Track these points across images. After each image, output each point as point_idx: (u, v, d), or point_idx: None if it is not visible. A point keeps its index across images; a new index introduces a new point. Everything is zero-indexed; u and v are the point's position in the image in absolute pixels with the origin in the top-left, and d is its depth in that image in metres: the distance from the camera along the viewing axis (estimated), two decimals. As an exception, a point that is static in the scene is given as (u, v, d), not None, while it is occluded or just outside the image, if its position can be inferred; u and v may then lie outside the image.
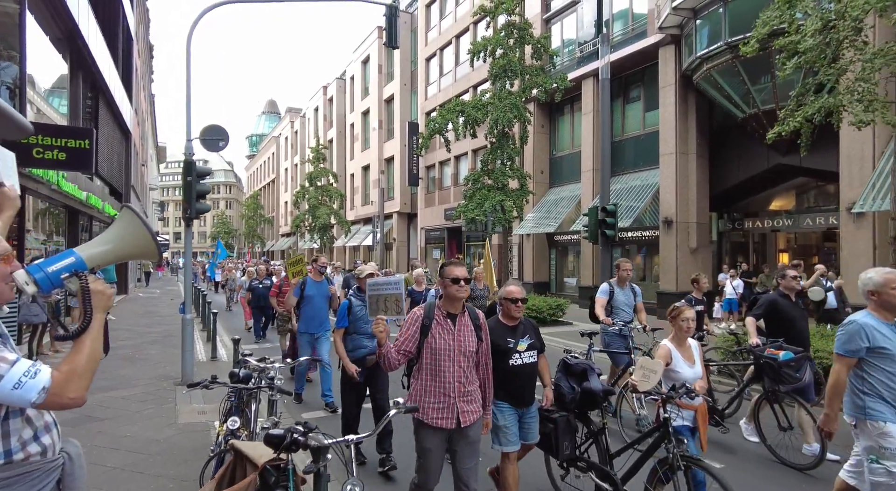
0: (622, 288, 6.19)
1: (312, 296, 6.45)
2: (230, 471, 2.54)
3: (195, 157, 7.31)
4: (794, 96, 7.32)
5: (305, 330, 6.43)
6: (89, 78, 14.29)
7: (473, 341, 3.04)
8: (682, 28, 14.70)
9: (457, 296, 2.98)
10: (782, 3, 6.49)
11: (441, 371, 2.94)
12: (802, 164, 13.39)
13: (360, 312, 4.64)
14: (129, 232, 1.72)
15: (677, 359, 3.63)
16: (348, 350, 4.61)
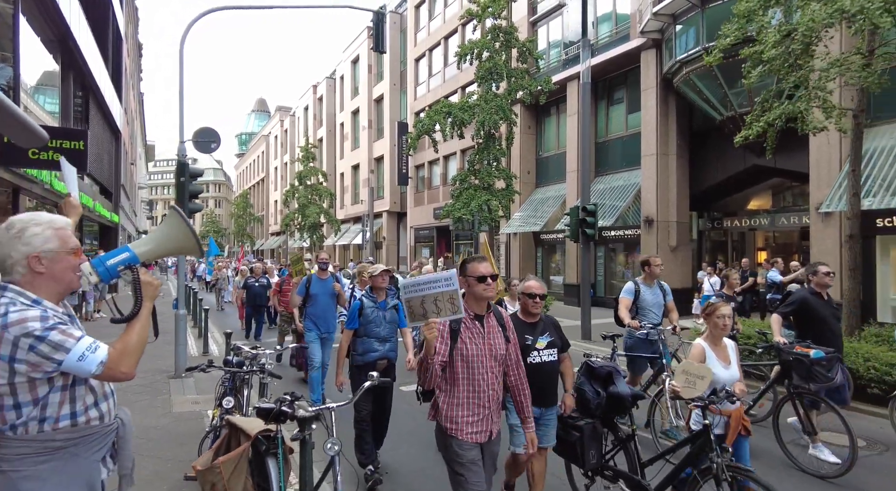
0: (650, 286, 5.52)
1: (318, 294, 6.24)
2: (226, 442, 2.86)
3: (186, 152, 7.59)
4: (759, 102, 7.74)
5: (313, 328, 6.21)
6: (80, 78, 14.43)
7: (503, 344, 2.76)
8: (663, 32, 15.14)
9: (484, 295, 2.69)
10: (741, 18, 6.90)
11: (475, 380, 2.63)
12: (777, 166, 13.90)
13: (371, 314, 4.42)
14: (175, 231, 2.00)
15: (712, 359, 3.38)
16: (357, 353, 4.40)
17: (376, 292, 4.52)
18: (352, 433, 4.28)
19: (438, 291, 2.44)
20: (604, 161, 18.68)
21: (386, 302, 4.55)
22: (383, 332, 4.43)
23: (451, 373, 2.66)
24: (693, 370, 3.17)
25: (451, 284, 2.43)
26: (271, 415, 2.56)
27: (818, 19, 5.83)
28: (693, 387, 3.12)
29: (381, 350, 4.41)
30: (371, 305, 4.47)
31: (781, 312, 5.08)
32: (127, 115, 24.73)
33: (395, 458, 4.80)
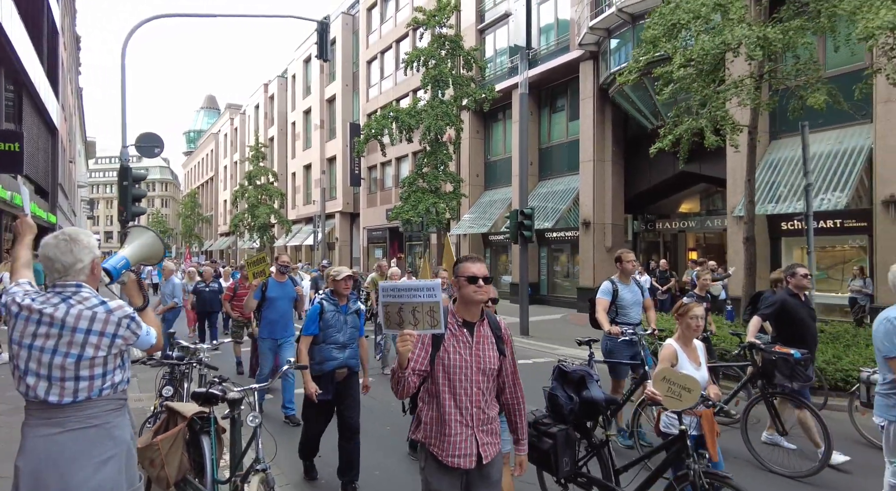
0: (626, 284, 5.25)
1: (276, 298, 5.95)
2: (164, 424, 3.21)
3: (130, 154, 7.68)
4: (671, 117, 8.58)
5: (268, 335, 5.90)
6: (11, 74, 13.94)
7: (495, 357, 2.44)
8: (599, 45, 16.09)
9: (475, 298, 2.40)
10: (648, 44, 7.69)
11: (457, 394, 2.35)
12: (702, 172, 15.07)
13: (332, 319, 4.12)
14: (148, 241, 2.64)
15: (683, 361, 3.34)
16: (315, 362, 4.07)
17: (337, 296, 4.22)
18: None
19: (419, 301, 2.17)
20: (547, 166, 19.58)
21: (348, 306, 4.27)
22: (343, 338, 4.13)
23: (433, 384, 2.39)
24: (678, 380, 2.97)
25: (433, 296, 2.18)
26: (204, 397, 2.94)
27: (707, 48, 6.63)
28: (678, 399, 2.94)
29: (340, 358, 4.09)
30: (332, 309, 4.16)
31: (761, 314, 5.08)
32: (64, 112, 23.76)
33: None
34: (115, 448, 2.11)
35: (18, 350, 2.04)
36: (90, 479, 2.01)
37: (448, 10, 16.18)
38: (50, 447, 1.99)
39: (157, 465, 2.97)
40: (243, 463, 2.95)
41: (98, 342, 2.06)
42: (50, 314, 2.03)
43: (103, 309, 2.09)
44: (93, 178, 77.88)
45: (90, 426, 2.06)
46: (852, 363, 6.62)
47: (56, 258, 2.10)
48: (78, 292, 2.11)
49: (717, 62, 7.66)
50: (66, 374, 2.02)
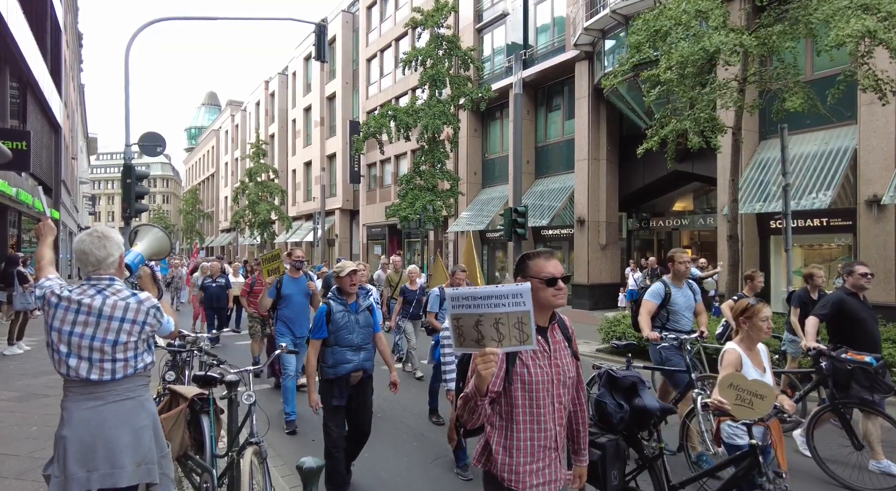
0: (679, 287, 4.75)
1: (291, 294, 5.80)
2: (167, 405, 3.50)
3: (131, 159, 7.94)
4: (657, 118, 8.84)
5: (286, 334, 5.77)
6: (16, 72, 14.22)
7: (572, 364, 2.12)
8: (594, 46, 16.31)
9: (555, 303, 2.06)
10: (632, 48, 7.94)
11: (538, 414, 2.00)
12: (694, 171, 15.32)
13: (341, 320, 3.86)
14: (157, 237, 2.95)
15: (747, 366, 3.06)
16: (328, 365, 3.83)
17: (345, 294, 3.95)
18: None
19: (503, 311, 1.77)
20: (544, 164, 19.83)
21: (357, 304, 3.98)
22: (357, 339, 3.87)
23: (506, 405, 2.01)
24: (748, 386, 2.69)
25: (520, 303, 1.77)
26: (203, 380, 3.23)
27: (686, 55, 6.89)
28: (749, 407, 2.67)
29: (355, 360, 3.84)
30: (340, 309, 3.89)
31: (818, 314, 4.69)
32: (67, 109, 24.04)
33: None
34: (147, 418, 2.43)
35: (59, 336, 2.28)
36: (131, 443, 2.32)
37: (445, 10, 16.41)
38: (94, 418, 2.29)
39: (161, 441, 3.26)
40: (239, 439, 3.24)
41: (131, 329, 2.36)
42: (88, 304, 2.31)
43: (135, 300, 2.39)
44: (94, 174, 78.20)
45: (127, 399, 2.38)
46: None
47: (90, 252, 2.36)
48: (111, 285, 2.40)
49: (703, 65, 7.90)
50: (105, 356, 2.31)
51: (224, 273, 10.64)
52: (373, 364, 4.01)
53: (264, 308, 5.87)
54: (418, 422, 5.77)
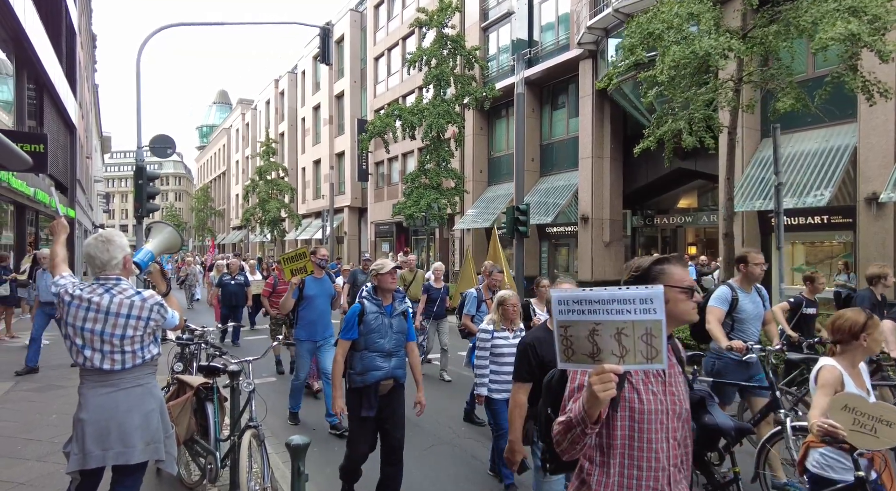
0: (748, 293, 4.16)
1: (313, 296, 5.47)
2: (175, 393, 3.78)
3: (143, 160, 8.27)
4: (654, 119, 8.99)
5: (307, 337, 5.45)
6: (33, 75, 14.65)
7: (685, 392, 1.77)
8: (598, 44, 16.42)
9: (691, 318, 1.76)
10: (626, 51, 8.09)
11: (650, 450, 1.65)
12: (697, 169, 15.41)
13: (374, 322, 3.51)
14: (168, 234, 3.18)
15: (850, 387, 2.62)
16: (356, 372, 3.49)
17: (381, 295, 3.59)
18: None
19: (628, 319, 1.43)
20: (549, 162, 19.98)
21: (393, 306, 3.63)
22: (388, 344, 3.53)
23: (608, 437, 1.67)
24: (868, 410, 2.28)
25: (652, 311, 1.42)
26: (208, 370, 3.50)
27: (676, 58, 7.03)
28: (872, 434, 2.24)
29: (385, 368, 3.51)
30: (374, 310, 3.54)
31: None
32: (82, 109, 24.58)
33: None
34: (154, 403, 2.71)
35: (74, 330, 2.55)
36: (141, 425, 2.61)
37: (449, 10, 16.60)
38: (108, 403, 2.57)
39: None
40: (240, 423, 3.51)
41: (136, 324, 2.61)
42: (97, 303, 2.56)
43: (139, 298, 2.64)
44: (108, 173, 79.41)
45: (137, 386, 2.65)
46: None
47: (96, 256, 2.63)
48: (118, 285, 2.65)
49: (699, 66, 8.04)
50: (115, 348, 2.58)
51: (242, 270, 10.33)
52: (404, 372, 3.64)
53: (286, 310, 5.51)
54: (449, 427, 5.48)
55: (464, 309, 6.02)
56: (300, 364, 5.49)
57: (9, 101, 12.84)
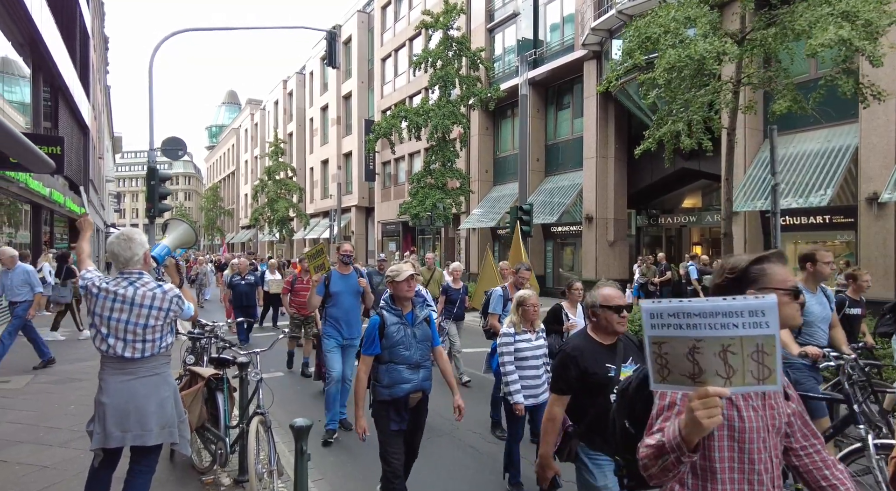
0: (814, 293, 3.85)
1: (340, 292, 5.24)
2: (187, 384, 4.01)
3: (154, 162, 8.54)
4: (654, 120, 9.13)
5: (334, 335, 5.22)
6: (49, 78, 15.02)
7: (784, 405, 1.58)
8: (602, 45, 16.53)
9: (797, 322, 1.63)
10: (624, 54, 8.24)
11: (752, 471, 1.47)
12: (701, 169, 15.49)
13: (396, 334, 3.28)
14: (183, 231, 3.53)
15: None
16: (382, 385, 3.27)
17: (400, 303, 3.36)
18: None
19: (735, 335, 1.24)
20: (553, 162, 20.11)
21: (414, 314, 3.40)
22: (415, 356, 3.33)
23: (706, 459, 1.50)
24: None
25: (764, 324, 1.22)
26: (218, 361, 3.73)
27: (672, 62, 7.17)
28: None
29: (413, 380, 3.30)
30: (395, 321, 3.32)
31: None
32: (94, 111, 25.05)
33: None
34: (169, 390, 2.95)
35: (100, 320, 2.79)
36: (157, 411, 2.85)
37: (454, 12, 16.79)
38: (127, 389, 2.81)
39: (182, 413, 3.77)
40: (248, 411, 3.73)
41: (158, 314, 2.86)
42: (122, 294, 2.81)
43: (160, 290, 2.89)
44: (119, 173, 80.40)
45: (154, 375, 2.89)
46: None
47: (119, 253, 2.88)
48: (141, 278, 2.90)
49: (698, 68, 8.17)
50: (137, 337, 2.82)
51: (253, 271, 9.95)
52: (431, 383, 3.45)
53: (313, 307, 5.45)
54: (469, 433, 5.28)
55: (489, 308, 5.66)
56: (330, 364, 5.13)
57: (25, 104, 13.18)
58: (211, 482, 3.86)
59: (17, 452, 4.40)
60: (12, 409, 5.64)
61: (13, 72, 12.92)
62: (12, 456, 4.33)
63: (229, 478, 3.92)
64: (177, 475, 4.01)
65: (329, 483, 4.12)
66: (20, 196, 12.00)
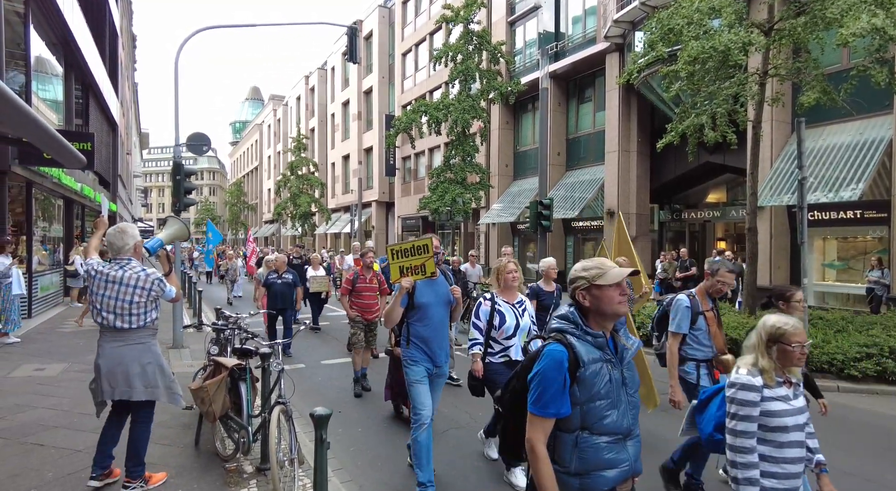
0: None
1: (427, 304, 3.77)
2: (211, 373, 4.13)
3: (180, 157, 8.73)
4: (677, 113, 8.97)
5: (420, 360, 3.74)
6: (80, 77, 15.47)
7: None
8: (625, 38, 16.28)
9: None
10: (647, 47, 8.09)
11: None
12: (726, 163, 15.18)
13: (599, 380, 1.91)
14: (177, 227, 4.13)
15: None
16: (571, 472, 1.90)
17: (599, 323, 1.98)
18: None
19: None
20: (575, 156, 19.92)
21: (619, 344, 2.04)
22: (626, 420, 2.00)
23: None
24: None
25: None
26: (241, 352, 3.83)
27: (694, 54, 7.03)
28: None
29: (626, 461, 1.97)
30: (597, 357, 1.93)
31: None
32: (123, 107, 25.68)
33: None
34: (151, 357, 3.55)
35: (96, 297, 3.44)
36: (140, 373, 3.49)
37: (475, 6, 16.71)
38: (117, 354, 3.47)
39: (207, 402, 3.89)
40: (270, 400, 3.83)
41: (141, 293, 3.47)
42: (114, 276, 3.45)
43: (144, 273, 3.49)
44: (146, 168, 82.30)
45: (139, 343, 3.52)
46: (839, 347, 7.03)
47: (114, 242, 3.50)
48: (129, 263, 3.51)
49: (723, 60, 8.00)
50: (125, 311, 3.46)
51: (290, 269, 8.57)
52: (641, 464, 2.04)
53: (393, 322, 3.82)
54: None
55: (671, 325, 3.91)
56: (417, 399, 3.67)
57: (58, 101, 13.59)
58: (234, 470, 3.98)
59: (52, 437, 4.60)
60: (49, 395, 5.87)
61: (47, 70, 13.33)
62: (48, 440, 4.53)
63: (252, 466, 4.03)
64: (201, 462, 4.14)
65: (349, 473, 4.20)
66: (54, 191, 12.41)
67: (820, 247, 12.86)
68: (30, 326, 9.99)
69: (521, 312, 4.13)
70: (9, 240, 8.49)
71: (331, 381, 7.15)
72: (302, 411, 5.26)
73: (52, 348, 8.08)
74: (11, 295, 8.16)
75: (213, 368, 4.13)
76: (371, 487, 4.00)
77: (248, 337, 4.05)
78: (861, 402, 6.39)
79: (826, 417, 3.54)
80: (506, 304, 4.10)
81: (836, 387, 6.73)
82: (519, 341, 4.08)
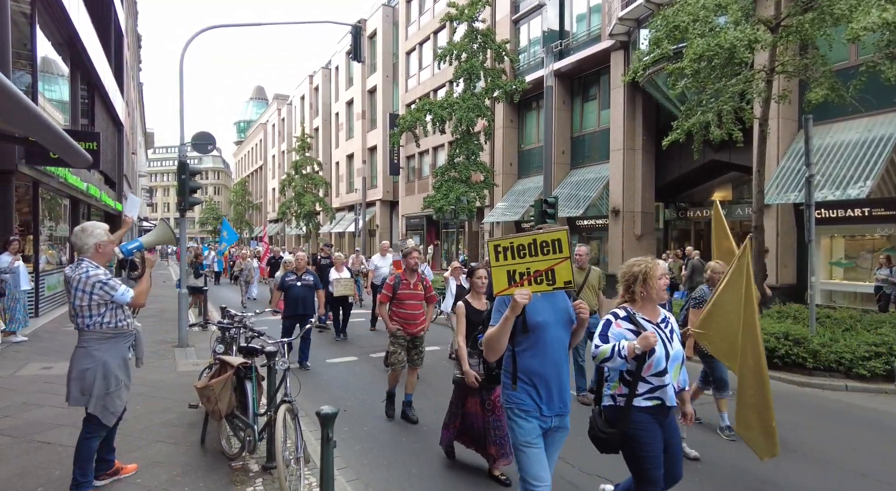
0: None
1: (544, 325, 2.69)
2: (217, 372, 4.12)
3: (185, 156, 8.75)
4: (683, 111, 8.91)
5: (532, 411, 2.64)
6: (86, 77, 15.52)
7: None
8: (629, 35, 16.20)
9: None
10: (652, 44, 8.04)
11: None
12: (732, 161, 15.09)
13: None
14: (163, 230, 4.20)
15: None
16: None
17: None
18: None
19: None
20: (579, 154, 19.86)
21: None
22: None
23: None
24: None
25: None
26: (247, 351, 3.82)
27: (699, 51, 6.97)
28: None
29: None
30: None
31: None
32: (128, 107, 25.77)
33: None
34: (91, 363, 3.37)
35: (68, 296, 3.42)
36: (76, 378, 3.37)
37: (479, 4, 16.67)
38: (73, 353, 3.45)
39: (213, 401, 3.89)
40: (275, 399, 3.82)
41: (83, 296, 3.34)
42: (68, 277, 3.39)
43: (85, 276, 3.33)
44: (151, 168, 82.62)
45: (80, 347, 3.41)
46: (847, 346, 6.97)
47: (75, 242, 3.44)
48: (80, 264, 3.38)
49: (729, 57, 7.94)
50: (73, 313, 3.39)
51: (309, 271, 7.64)
52: None
53: (497, 354, 2.62)
54: None
55: None
56: (531, 471, 2.61)
57: (64, 102, 13.65)
58: (240, 468, 3.98)
59: (58, 435, 4.61)
60: (56, 394, 5.89)
61: (53, 71, 13.37)
62: (55, 438, 4.54)
63: (257, 464, 4.03)
64: (207, 461, 4.14)
65: (354, 471, 4.19)
66: (60, 191, 12.46)
67: (827, 245, 12.77)
68: (37, 324, 10.03)
69: (670, 336, 2.85)
70: (16, 239, 8.53)
71: (336, 379, 7.16)
72: (308, 410, 5.25)
73: (59, 347, 8.11)
74: (18, 292, 8.19)
75: (219, 367, 4.13)
76: (377, 485, 3.99)
77: (254, 335, 4.04)
78: (870, 401, 6.33)
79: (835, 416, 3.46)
80: (648, 324, 2.85)
81: (844, 386, 6.67)
82: (672, 379, 2.81)
